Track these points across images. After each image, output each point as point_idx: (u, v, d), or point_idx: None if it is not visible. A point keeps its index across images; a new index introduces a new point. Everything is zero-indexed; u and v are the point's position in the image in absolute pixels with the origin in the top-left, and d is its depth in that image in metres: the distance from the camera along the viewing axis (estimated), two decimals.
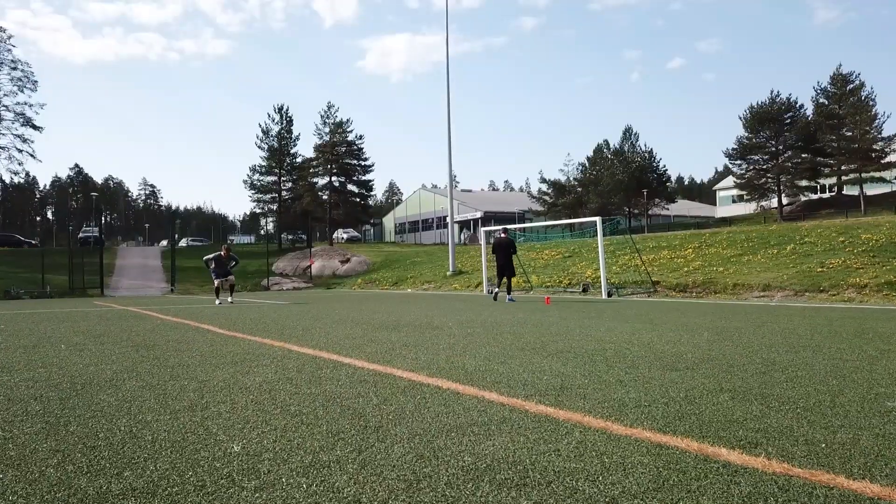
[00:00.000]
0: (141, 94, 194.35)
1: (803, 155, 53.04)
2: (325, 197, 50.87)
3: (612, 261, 23.94)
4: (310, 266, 39.64)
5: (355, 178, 51.29)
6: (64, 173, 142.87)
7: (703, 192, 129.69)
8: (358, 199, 51.81)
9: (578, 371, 4.37)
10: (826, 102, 55.43)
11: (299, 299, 19.72)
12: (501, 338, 6.64)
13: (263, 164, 52.14)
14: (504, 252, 16.34)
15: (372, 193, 52.82)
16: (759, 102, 54.60)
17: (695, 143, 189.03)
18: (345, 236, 62.51)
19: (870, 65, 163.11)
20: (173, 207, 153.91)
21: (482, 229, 22.64)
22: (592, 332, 7.28)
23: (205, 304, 17.04)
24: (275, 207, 52.90)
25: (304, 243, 50.25)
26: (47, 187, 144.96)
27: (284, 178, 52.60)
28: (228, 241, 63.49)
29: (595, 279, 21.52)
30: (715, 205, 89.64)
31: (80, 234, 55.80)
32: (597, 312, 10.84)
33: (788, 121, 54.32)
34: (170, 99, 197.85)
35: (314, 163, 51.30)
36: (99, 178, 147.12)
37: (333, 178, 50.83)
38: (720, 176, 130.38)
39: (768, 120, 53.43)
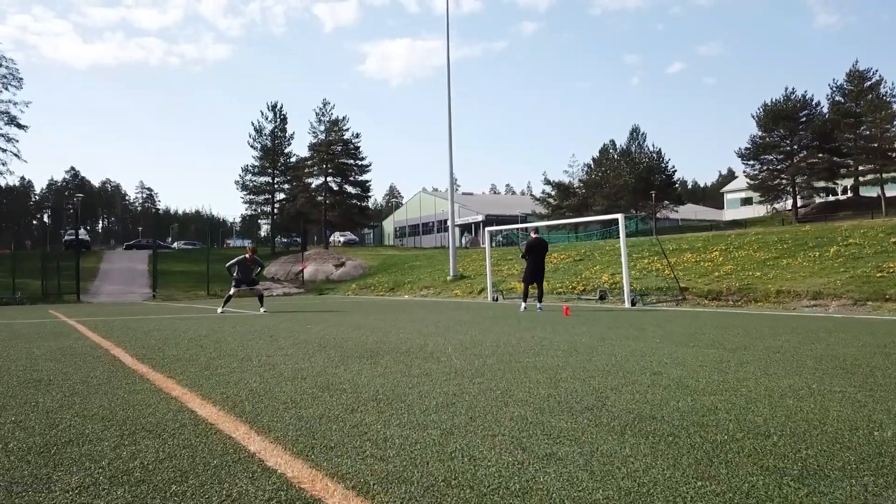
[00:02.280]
0: (141, 98, 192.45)
1: (819, 155, 50.70)
2: (319, 198, 48.59)
3: (629, 264, 21.64)
4: (302, 270, 37.35)
5: (352, 179, 48.93)
6: (63, 178, 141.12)
7: (706, 195, 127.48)
8: (354, 201, 49.42)
9: (720, 496, 2.05)
10: (842, 100, 53.21)
11: (280, 308, 17.40)
12: (528, 379, 4.34)
13: (256, 164, 49.89)
14: (540, 254, 14.16)
15: (369, 194, 50.48)
16: (774, 100, 52.36)
17: (697, 148, 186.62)
18: (342, 239, 60.20)
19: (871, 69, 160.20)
20: (172, 211, 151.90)
21: (486, 229, 20.36)
22: (658, 367, 4.97)
23: (163, 315, 14.71)
24: (268, 209, 50.62)
25: (299, 247, 47.97)
26: (44, 190, 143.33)
27: (278, 179, 50.34)
28: (225, 244, 60.88)
29: (613, 285, 19.23)
30: (721, 208, 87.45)
31: (66, 238, 53.54)
32: (636, 329, 8.53)
33: (804, 119, 52.04)
34: (170, 103, 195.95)
35: (309, 162, 48.98)
36: (96, 181, 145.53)
37: (329, 179, 48.50)
38: (724, 179, 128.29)
39: (783, 118, 51.13)
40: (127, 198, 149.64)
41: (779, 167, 52.59)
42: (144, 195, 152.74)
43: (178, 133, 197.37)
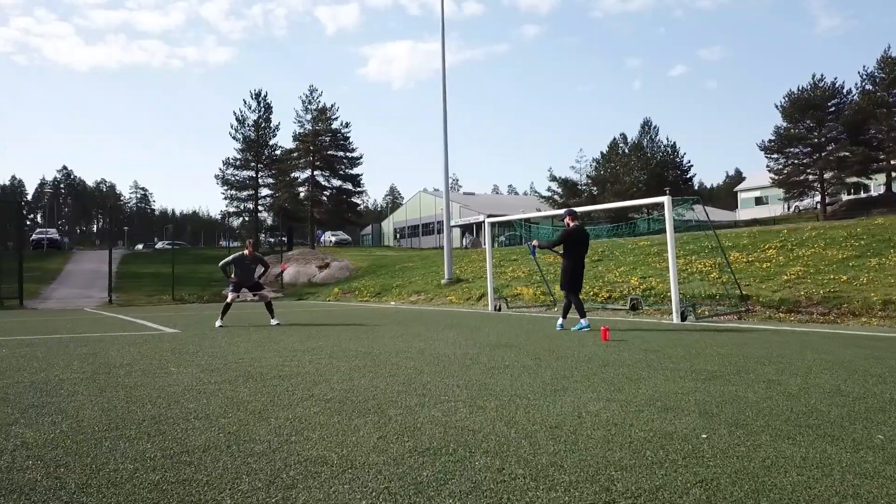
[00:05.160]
0: (144, 100, 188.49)
1: (852, 147, 46.44)
2: (304, 193, 44.52)
3: (662, 265, 17.68)
4: (281, 272, 33.33)
5: (341, 172, 44.80)
6: (54, 177, 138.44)
7: (714, 196, 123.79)
8: (344, 196, 45.27)
9: None
10: (873, 89, 49.02)
11: (230, 319, 13.34)
12: None
13: (238, 156, 45.89)
14: (585, 250, 10.13)
15: (360, 189, 46.29)
16: (800, 87, 48.21)
17: (702, 150, 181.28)
18: (333, 239, 56.14)
19: None
20: (170, 212, 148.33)
21: (486, 220, 16.32)
22: None
23: (51, 334, 10.68)
24: (251, 206, 46.61)
25: (285, 247, 43.94)
26: (37, 190, 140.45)
27: (262, 174, 46.31)
28: (218, 245, 56.61)
29: (645, 292, 15.25)
30: (731, 210, 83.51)
31: (33, 237, 49.80)
32: (780, 390, 4.50)
33: (833, 109, 47.84)
34: (171, 105, 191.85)
35: (294, 154, 44.89)
36: (94, 183, 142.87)
37: (315, 172, 44.39)
38: (732, 180, 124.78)
39: (811, 107, 46.91)
40: (122, 198, 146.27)
41: (805, 161, 48.40)
42: (139, 195, 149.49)
43: (179, 135, 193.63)
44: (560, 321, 9.72)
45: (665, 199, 11.66)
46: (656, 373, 5.09)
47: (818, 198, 50.00)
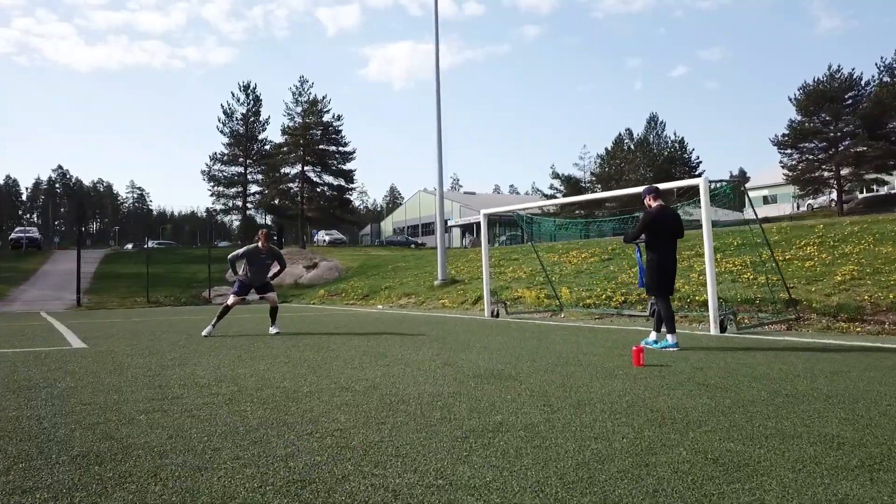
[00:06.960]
0: (144, 101, 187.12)
1: (870, 142, 44.16)
2: (294, 189, 42.37)
3: (683, 264, 15.51)
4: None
5: (333, 167, 42.58)
6: (49, 177, 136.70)
7: (719, 196, 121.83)
8: (336, 193, 43.05)
9: None
10: (892, 81, 46.76)
11: (164, 329, 11.15)
12: None
13: (226, 151, 43.75)
14: (676, 236, 7.55)
15: (353, 186, 44.07)
16: (816, 79, 45.90)
17: (703, 150, 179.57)
18: (327, 238, 54.03)
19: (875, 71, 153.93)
20: (168, 212, 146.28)
21: (483, 212, 14.08)
22: None
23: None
24: (240, 203, 44.48)
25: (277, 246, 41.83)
26: (28, 190, 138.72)
27: (251, 169, 44.18)
28: (214, 245, 53.79)
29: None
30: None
31: (12, 236, 47.70)
32: None
33: (850, 102, 45.53)
34: (172, 106, 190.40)
35: (284, 148, 42.72)
36: (87, 181, 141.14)
37: (306, 167, 42.20)
38: (736, 180, 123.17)
39: (827, 100, 44.60)
40: (119, 198, 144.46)
41: (820, 156, 46.09)
42: (135, 195, 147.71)
43: (179, 135, 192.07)
44: (652, 336, 7.36)
45: (700, 181, 9.45)
46: (758, 445, 2.89)
47: (833, 195, 47.80)
